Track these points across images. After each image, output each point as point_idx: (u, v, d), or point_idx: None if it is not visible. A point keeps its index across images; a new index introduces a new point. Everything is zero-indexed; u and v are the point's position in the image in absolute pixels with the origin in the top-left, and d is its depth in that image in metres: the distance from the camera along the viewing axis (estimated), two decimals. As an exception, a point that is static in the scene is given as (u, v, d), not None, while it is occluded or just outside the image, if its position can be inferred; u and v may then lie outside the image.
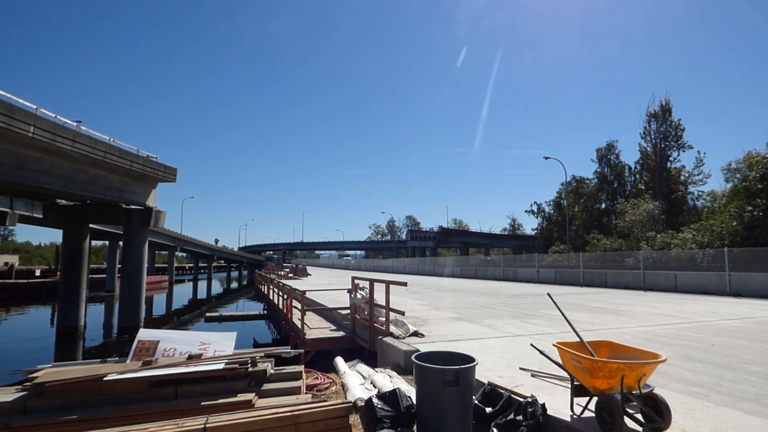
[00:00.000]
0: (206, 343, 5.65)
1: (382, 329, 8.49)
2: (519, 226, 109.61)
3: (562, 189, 58.19)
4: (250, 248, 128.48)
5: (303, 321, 10.27)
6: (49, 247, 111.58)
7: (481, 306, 13.78)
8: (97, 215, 23.35)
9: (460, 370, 3.88)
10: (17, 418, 4.41)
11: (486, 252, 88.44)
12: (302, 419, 4.03)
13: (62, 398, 4.63)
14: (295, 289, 13.52)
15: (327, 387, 6.17)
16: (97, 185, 20.49)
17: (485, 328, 9.37)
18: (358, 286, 10.36)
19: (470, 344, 7.51)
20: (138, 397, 4.82)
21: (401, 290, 18.03)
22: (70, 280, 22.11)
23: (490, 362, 6.20)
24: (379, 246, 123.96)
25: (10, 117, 14.07)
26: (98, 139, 19.00)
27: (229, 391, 4.97)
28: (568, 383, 4.70)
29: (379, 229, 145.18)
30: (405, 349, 7.07)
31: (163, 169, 24.24)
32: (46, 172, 17.41)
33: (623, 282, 22.39)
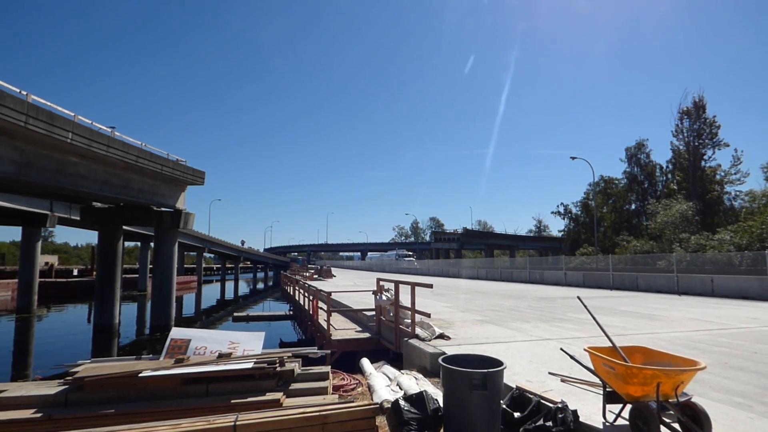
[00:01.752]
0: (235, 342, 5.76)
1: (408, 331, 8.48)
2: (545, 227, 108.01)
3: (590, 189, 57.01)
4: (275, 249, 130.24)
5: (329, 322, 10.35)
6: (85, 248, 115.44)
7: (507, 309, 13.62)
8: (129, 217, 24.04)
9: (488, 374, 3.84)
10: (59, 410, 4.59)
11: (511, 254, 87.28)
12: (329, 419, 4.07)
13: (100, 392, 4.80)
14: (320, 291, 13.63)
15: (353, 388, 6.20)
16: (129, 188, 21.11)
17: (512, 331, 9.26)
18: (383, 288, 10.37)
19: (497, 348, 7.43)
20: (171, 393, 4.95)
21: (426, 292, 17.97)
22: (105, 279, 22.83)
23: (517, 366, 6.12)
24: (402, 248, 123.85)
25: (50, 124, 14.62)
26: (131, 144, 19.57)
27: (257, 389, 5.05)
28: (599, 389, 4.61)
29: (402, 231, 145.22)
30: (431, 352, 7.04)
31: (192, 173, 24.78)
32: (83, 176, 18.04)
33: (655, 285, 21.78)
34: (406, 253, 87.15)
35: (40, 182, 16.11)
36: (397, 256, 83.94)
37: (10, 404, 4.71)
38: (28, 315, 28.84)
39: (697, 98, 44.52)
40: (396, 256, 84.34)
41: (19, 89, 13.64)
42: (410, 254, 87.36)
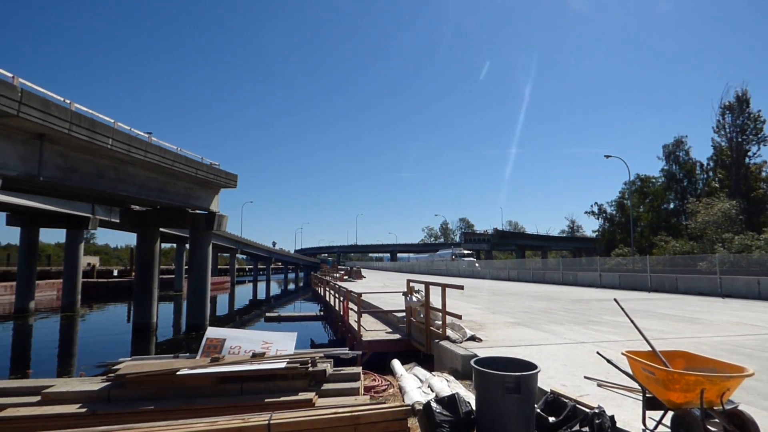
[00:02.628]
0: (269, 342, 5.85)
1: (439, 333, 8.43)
2: (578, 228, 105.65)
3: (625, 188, 55.49)
4: (305, 251, 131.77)
5: (359, 323, 10.40)
6: (124, 249, 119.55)
7: (540, 311, 13.38)
8: (166, 220, 24.79)
9: (521, 377, 3.78)
10: (102, 405, 4.77)
11: (543, 255, 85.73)
12: (361, 420, 4.08)
13: (140, 389, 4.96)
14: (351, 292, 13.71)
15: (384, 389, 6.21)
16: (166, 192, 21.76)
17: (545, 333, 9.09)
18: (413, 289, 10.34)
19: (530, 350, 7.31)
20: (207, 391, 5.07)
21: (457, 293, 17.83)
22: (143, 280, 23.60)
23: (551, 369, 6.00)
24: (432, 249, 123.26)
25: (92, 131, 15.23)
26: (167, 148, 20.17)
27: (290, 389, 5.12)
28: (638, 395, 4.47)
29: (432, 232, 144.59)
30: (462, 354, 6.98)
31: (225, 176, 25.35)
32: (122, 180, 18.71)
33: (696, 287, 20.97)
34: (464, 252, 67.53)
35: (83, 186, 16.79)
36: (453, 255, 66.07)
37: (57, 399, 4.92)
38: (72, 314, 30.08)
39: (740, 92, 42.74)
40: (452, 255, 66.61)
41: (63, 98, 14.26)
42: (469, 253, 68.80)
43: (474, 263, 54.99)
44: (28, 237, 32.38)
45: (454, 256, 65.16)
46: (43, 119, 13.13)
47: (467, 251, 70.05)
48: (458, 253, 66.67)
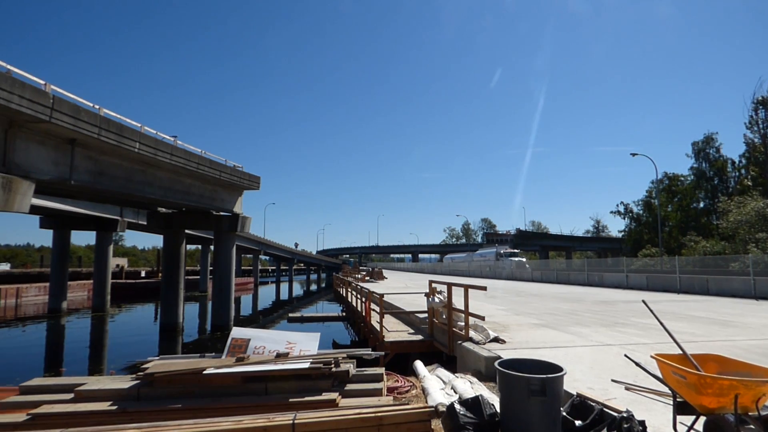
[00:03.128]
0: (292, 342, 5.90)
1: (461, 334, 8.38)
2: (603, 227, 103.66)
3: (653, 187, 54.18)
4: (327, 252, 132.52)
5: (381, 324, 10.40)
6: (151, 251, 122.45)
7: (565, 312, 13.16)
8: (191, 221, 25.27)
9: (547, 379, 3.73)
10: (132, 403, 4.88)
11: (567, 255, 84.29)
12: (385, 421, 4.08)
13: (168, 388, 5.06)
14: (373, 292, 13.72)
15: (407, 390, 6.19)
16: (191, 194, 22.18)
17: (571, 335, 8.94)
18: (435, 290, 10.31)
19: (555, 352, 7.19)
20: (232, 390, 5.14)
21: (479, 294, 17.69)
22: (170, 280, 24.10)
23: (577, 372, 5.90)
24: (453, 249, 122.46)
25: (120, 135, 15.64)
26: (192, 151, 20.58)
27: (314, 389, 5.15)
28: (668, 399, 4.37)
29: (453, 233, 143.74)
30: (486, 355, 6.92)
31: (248, 178, 25.70)
32: (149, 183, 19.15)
33: (729, 289, 20.34)
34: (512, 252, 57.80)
35: (112, 189, 17.24)
36: (498, 255, 56.91)
37: (89, 396, 5.06)
38: (102, 313, 30.92)
39: (774, 86, 41.21)
40: (496, 255, 57.44)
41: (92, 103, 14.68)
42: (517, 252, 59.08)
43: (524, 264, 47.00)
44: (60, 239, 33.41)
45: (500, 255, 56.12)
46: (74, 124, 13.53)
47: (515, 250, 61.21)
48: (505, 252, 57.35)
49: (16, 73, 11.74)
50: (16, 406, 5.19)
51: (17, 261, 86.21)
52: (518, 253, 58.69)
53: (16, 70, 11.74)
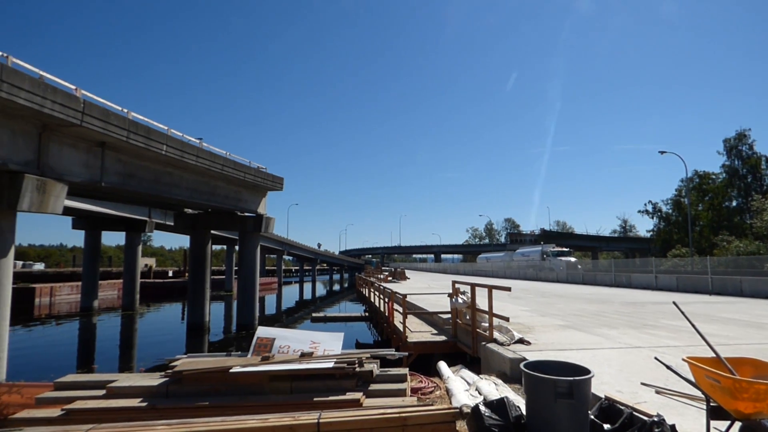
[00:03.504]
0: (316, 342, 5.95)
1: (485, 335, 8.31)
2: (631, 227, 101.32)
3: (682, 186, 52.71)
4: (350, 252, 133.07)
5: (405, 324, 10.39)
6: (178, 251, 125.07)
7: (591, 314, 12.92)
8: (216, 222, 25.70)
9: (574, 382, 3.67)
10: (161, 400, 5.00)
11: (593, 256, 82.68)
12: (409, 421, 4.07)
13: (196, 385, 5.16)
14: (395, 293, 13.72)
15: (431, 391, 6.17)
16: (216, 195, 22.56)
17: (598, 337, 8.76)
18: (458, 291, 10.24)
19: (582, 354, 7.07)
20: (258, 389, 5.21)
21: (503, 295, 17.51)
22: (196, 280, 24.57)
23: (605, 375, 5.79)
24: (476, 249, 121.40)
25: (148, 138, 16.02)
26: (216, 153, 20.93)
27: (338, 389, 5.18)
28: (701, 404, 4.23)
29: (476, 233, 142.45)
30: (511, 357, 6.85)
31: (272, 179, 26.00)
32: (175, 184, 19.55)
33: (764, 290, 19.64)
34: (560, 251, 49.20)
35: (140, 191, 17.66)
36: (543, 254, 48.84)
37: (121, 393, 5.19)
38: (132, 312, 31.72)
39: (811, 80, 39.59)
40: (542, 254, 49.22)
41: (121, 107, 15.07)
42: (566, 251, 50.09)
43: (576, 265, 40.27)
44: (92, 240, 34.39)
45: (546, 254, 48.33)
46: (104, 128, 13.91)
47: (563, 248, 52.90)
48: (552, 250, 49.08)
49: (48, 78, 12.13)
50: (51, 401, 5.36)
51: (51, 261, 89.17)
52: (568, 251, 49.83)
53: (48, 76, 12.13)
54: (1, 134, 11.53)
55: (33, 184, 12.17)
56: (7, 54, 10.83)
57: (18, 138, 12.08)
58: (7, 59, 10.78)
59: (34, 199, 12.20)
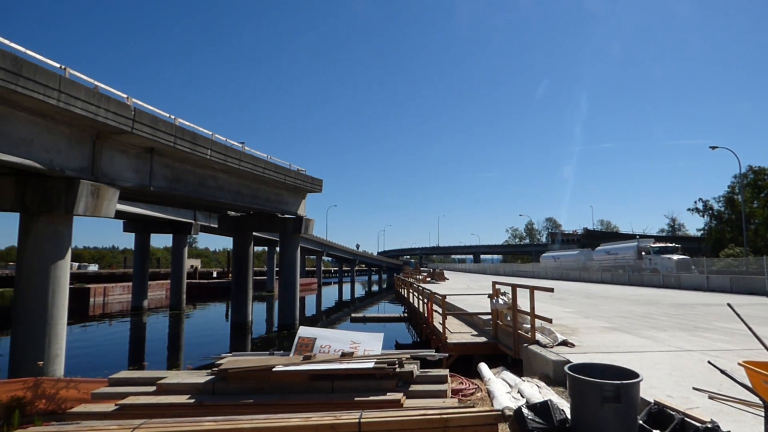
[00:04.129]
0: (356, 342, 6.00)
1: (527, 336, 8.16)
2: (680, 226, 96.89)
3: (736, 182, 50.00)
4: (388, 253, 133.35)
5: (444, 325, 10.33)
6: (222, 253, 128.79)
7: (638, 315, 12.45)
8: (258, 224, 26.34)
9: (621, 385, 3.55)
10: (208, 397, 5.17)
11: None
12: (450, 423, 4.05)
13: (240, 383, 5.31)
14: (434, 293, 13.66)
15: (472, 393, 6.12)
16: (258, 198, 23.12)
17: (645, 340, 8.44)
18: (499, 292, 10.10)
19: (628, 357, 6.83)
20: (300, 387, 5.30)
21: (545, 296, 17.14)
22: (239, 281, 25.26)
23: (654, 379, 5.57)
24: (517, 250, 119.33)
25: (193, 143, 16.61)
26: (258, 157, 21.45)
27: (378, 389, 5.20)
28: (758, 410, 4.02)
29: (516, 233, 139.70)
30: (554, 359, 6.69)
31: (311, 181, 26.41)
32: (219, 188, 20.18)
33: (828, 292, 18.37)
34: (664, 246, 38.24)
35: (186, 194, 18.33)
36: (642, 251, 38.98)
37: (170, 390, 5.40)
38: (179, 312, 32.94)
39: None
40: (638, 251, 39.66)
41: (169, 114, 15.68)
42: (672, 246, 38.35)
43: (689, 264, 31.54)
44: (141, 242, 35.94)
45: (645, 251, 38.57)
46: (153, 134, 14.52)
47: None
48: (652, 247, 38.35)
49: (102, 88, 12.77)
50: (106, 396, 5.64)
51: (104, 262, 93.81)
52: (674, 247, 38.32)
53: (102, 85, 12.77)
54: (58, 142, 12.23)
55: (88, 189, 12.84)
56: (65, 66, 11.46)
57: (74, 145, 12.78)
58: (65, 71, 11.42)
59: (88, 204, 12.88)
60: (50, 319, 12.04)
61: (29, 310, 11.92)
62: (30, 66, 10.33)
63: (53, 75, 10.93)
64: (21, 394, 6.77)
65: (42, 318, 11.93)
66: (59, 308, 12.32)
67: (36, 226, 12.23)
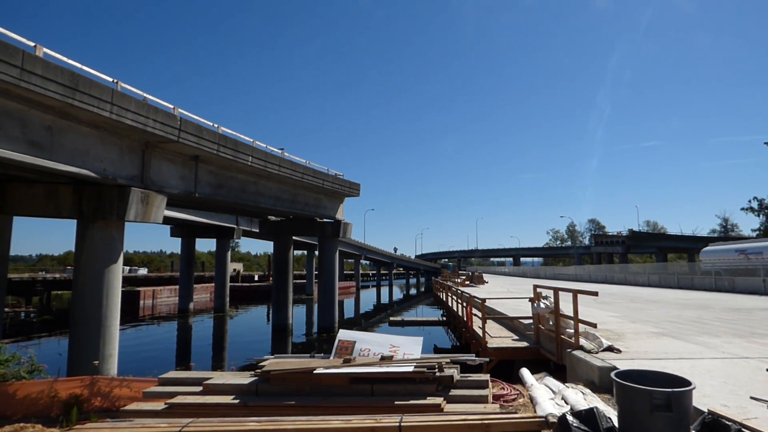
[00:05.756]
0: (396, 346, 6.02)
1: (571, 342, 7.94)
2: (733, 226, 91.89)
3: (798, 179, 46.97)
4: (425, 256, 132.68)
5: (484, 329, 10.20)
6: (263, 257, 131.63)
7: (689, 320, 11.89)
8: (297, 228, 26.83)
9: (672, 393, 3.41)
10: (251, 398, 5.31)
11: (689, 258, 75.80)
12: (492, 429, 4.00)
13: (282, 385, 5.42)
14: (474, 297, 13.51)
15: (514, 398, 6.01)
16: (297, 202, 23.56)
17: (697, 346, 8.06)
18: (540, 295, 9.88)
19: (679, 364, 6.53)
20: (340, 390, 5.37)
21: (589, 300, 16.64)
22: (279, 284, 25.79)
23: (707, 387, 5.31)
24: (558, 252, 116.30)
25: (235, 150, 17.12)
26: (297, 162, 21.88)
27: (418, 393, 5.20)
28: (826, 423, 3.77)
29: (558, 235, 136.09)
30: (600, 365, 6.49)
31: (349, 185, 26.69)
32: (260, 193, 20.69)
33: None
34: None
35: (228, 200, 18.91)
36: None
37: (216, 390, 5.58)
38: (223, 314, 33.92)
39: None
40: None
41: (212, 123, 16.23)
42: None
43: None
44: (187, 246, 37.28)
45: None
46: (197, 143, 15.06)
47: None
48: None
49: (150, 99, 13.36)
50: (156, 395, 5.89)
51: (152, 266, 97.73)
52: None
53: (150, 97, 13.36)
54: (110, 152, 12.88)
55: (138, 196, 13.45)
56: (117, 80, 12.07)
57: (125, 155, 13.42)
58: (117, 84, 12.02)
59: (139, 210, 13.49)
60: (104, 321, 12.67)
61: (85, 311, 12.58)
62: (85, 81, 10.92)
63: (106, 89, 11.52)
64: (79, 392, 7.15)
65: (97, 319, 12.56)
66: (112, 310, 12.94)
67: (91, 232, 12.90)
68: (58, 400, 7.06)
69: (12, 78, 9.27)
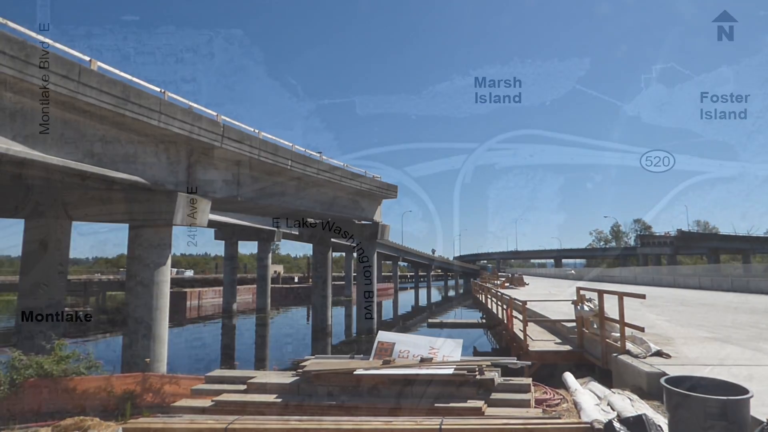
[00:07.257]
0: (435, 348, 6.01)
1: (617, 346, 7.69)
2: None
3: None
4: (464, 258, 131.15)
5: (525, 332, 10.03)
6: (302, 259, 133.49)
7: (745, 325, 11.28)
8: (336, 231, 27.09)
9: (728, 402, 3.26)
10: (293, 397, 5.43)
11: (744, 259, 71.64)
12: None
13: (323, 385, 5.52)
14: (514, 299, 13.30)
15: (557, 403, 5.88)
16: (335, 205, 23.84)
17: (755, 352, 7.63)
18: (584, 298, 9.62)
19: (735, 371, 6.21)
20: (380, 391, 5.41)
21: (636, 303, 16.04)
22: (319, 286, 26.15)
23: (765, 395, 5.03)
24: (602, 254, 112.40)
25: (275, 155, 17.53)
26: (335, 165, 22.15)
27: (458, 396, 5.18)
28: None
29: (601, 236, 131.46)
30: (648, 371, 6.26)
31: (386, 187, 26.78)
32: (299, 196, 21.07)
33: None
34: None
35: (270, 203, 19.35)
36: None
37: (259, 389, 5.74)
38: (264, 314, 34.74)
39: None
40: None
41: (254, 128, 16.70)
42: None
43: None
44: (230, 249, 38.37)
45: None
46: (239, 148, 15.51)
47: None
48: None
49: (195, 108, 13.88)
50: (203, 392, 6.11)
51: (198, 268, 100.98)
52: None
53: (195, 105, 13.88)
54: (159, 159, 13.45)
55: (184, 201, 13.98)
56: (164, 90, 12.61)
57: (172, 161, 13.97)
58: (164, 94, 12.55)
59: (185, 214, 14.02)
60: (154, 320, 13.23)
61: (137, 311, 13.18)
62: (135, 91, 11.46)
63: (154, 98, 12.05)
64: (132, 388, 7.50)
65: (147, 319, 13.13)
66: (162, 310, 13.49)
67: (142, 236, 13.51)
68: (114, 395, 7.43)
69: (68, 91, 9.84)
